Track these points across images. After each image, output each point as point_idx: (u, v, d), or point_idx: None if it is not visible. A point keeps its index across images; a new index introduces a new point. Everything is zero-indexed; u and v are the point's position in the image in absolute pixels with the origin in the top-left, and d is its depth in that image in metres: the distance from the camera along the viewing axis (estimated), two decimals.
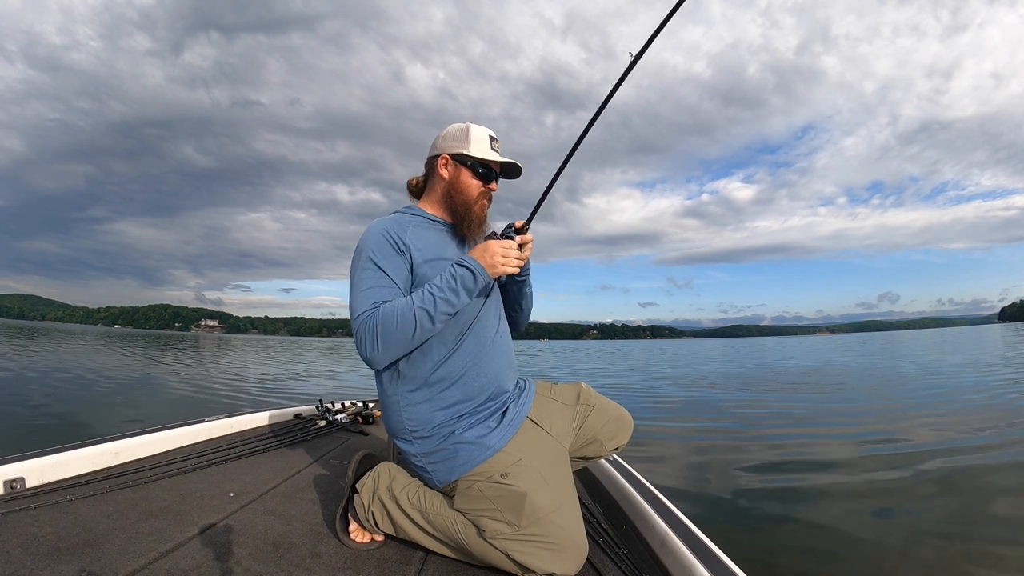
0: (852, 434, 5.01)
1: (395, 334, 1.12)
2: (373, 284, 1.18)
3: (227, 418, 2.28)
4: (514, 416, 1.25)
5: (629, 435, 1.45)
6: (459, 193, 1.31)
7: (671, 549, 1.14)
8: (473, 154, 1.30)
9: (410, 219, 1.30)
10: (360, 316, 1.15)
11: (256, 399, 8.06)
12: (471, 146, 1.31)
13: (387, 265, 1.19)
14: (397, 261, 1.21)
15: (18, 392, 7.33)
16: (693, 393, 9.13)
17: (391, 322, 1.12)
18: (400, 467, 1.28)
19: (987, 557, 2.28)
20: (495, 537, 1.04)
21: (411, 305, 1.12)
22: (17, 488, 1.38)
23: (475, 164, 1.31)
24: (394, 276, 1.19)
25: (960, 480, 3.32)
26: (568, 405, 1.39)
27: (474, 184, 1.32)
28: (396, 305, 1.13)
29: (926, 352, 20.50)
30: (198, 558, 1.07)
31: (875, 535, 2.57)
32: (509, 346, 1.38)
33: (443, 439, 1.18)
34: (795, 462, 3.94)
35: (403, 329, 1.12)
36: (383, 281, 1.18)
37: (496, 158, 1.33)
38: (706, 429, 5.75)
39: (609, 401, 1.46)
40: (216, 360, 18.16)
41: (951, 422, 5.32)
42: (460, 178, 1.32)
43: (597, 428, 1.39)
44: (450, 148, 1.31)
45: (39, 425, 5.18)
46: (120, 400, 7.40)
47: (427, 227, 1.31)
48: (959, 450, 4.01)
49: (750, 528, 2.74)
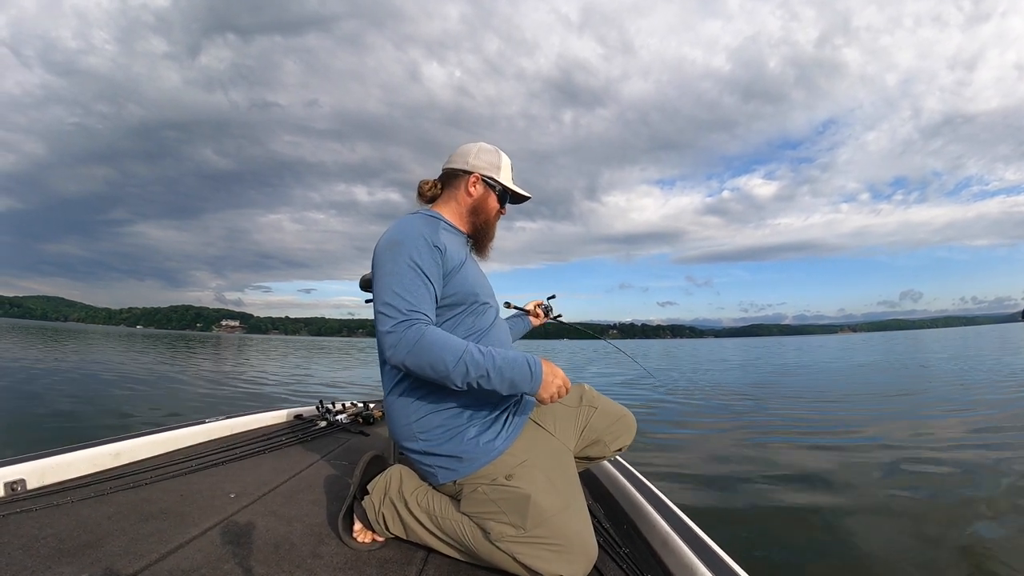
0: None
1: (428, 361, 1.09)
2: (412, 282, 1.16)
3: (228, 419, 2.28)
4: (518, 418, 1.25)
5: (632, 436, 1.45)
6: (483, 213, 1.39)
7: (672, 548, 1.14)
8: (502, 182, 1.39)
9: (436, 223, 1.30)
10: (403, 322, 1.11)
11: (283, 398, 8.14)
12: (501, 173, 1.39)
13: (426, 268, 1.18)
14: (433, 265, 1.20)
15: (41, 392, 7.36)
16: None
17: (431, 351, 1.09)
18: (410, 470, 1.28)
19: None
20: (501, 539, 1.04)
21: (464, 349, 1.10)
22: (18, 490, 1.38)
23: (503, 192, 1.40)
24: (432, 279, 1.19)
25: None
26: (571, 407, 1.39)
27: (496, 208, 1.42)
28: (447, 342, 1.10)
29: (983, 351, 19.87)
30: (199, 559, 1.07)
31: (879, 536, 2.57)
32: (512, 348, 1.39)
33: (447, 440, 1.17)
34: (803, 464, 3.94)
35: (437, 363, 1.09)
36: (421, 282, 1.17)
37: (519, 191, 1.44)
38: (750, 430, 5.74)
39: (612, 402, 1.46)
40: (241, 359, 18.50)
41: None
42: (488, 201, 1.39)
43: (601, 429, 1.39)
44: (483, 169, 1.37)
45: (67, 426, 5.20)
46: (151, 398, 7.48)
47: (451, 233, 1.33)
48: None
49: (750, 526, 2.74)
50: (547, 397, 1.15)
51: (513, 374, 1.11)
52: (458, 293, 1.25)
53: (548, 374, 1.15)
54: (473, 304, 1.28)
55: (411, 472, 1.27)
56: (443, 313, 1.25)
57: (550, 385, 1.14)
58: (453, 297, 1.25)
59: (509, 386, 1.11)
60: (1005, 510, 2.84)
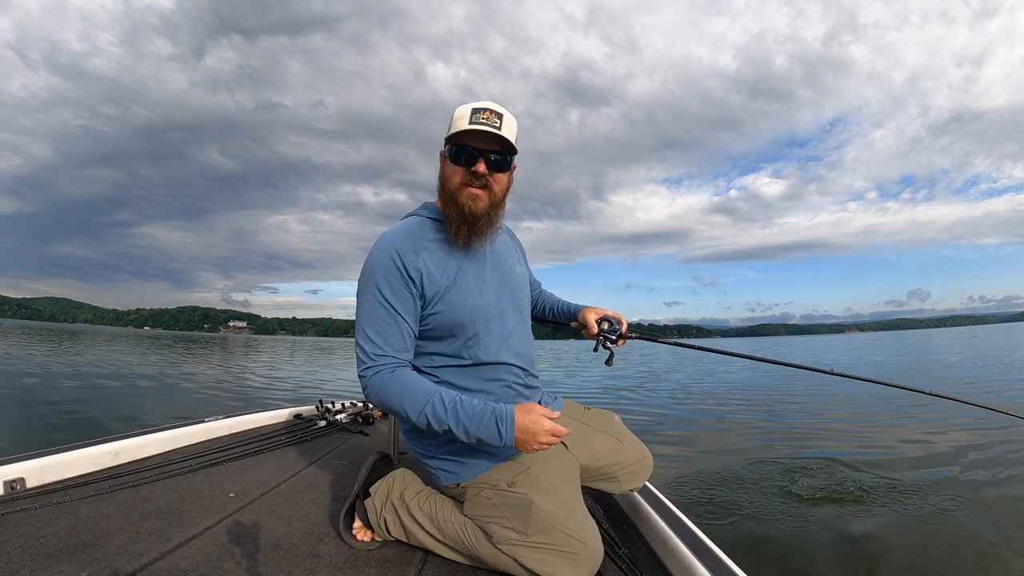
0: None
1: (393, 409, 1.08)
2: (381, 320, 1.10)
3: (227, 418, 2.28)
4: None
5: (647, 478, 1.38)
6: (445, 186, 1.15)
7: (672, 550, 1.14)
8: (451, 135, 1.10)
9: (430, 226, 1.19)
10: (369, 367, 1.09)
11: (283, 397, 8.15)
12: (451, 127, 1.11)
13: (395, 300, 1.10)
14: (405, 295, 1.11)
15: (45, 392, 7.38)
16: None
17: (393, 400, 1.07)
18: (414, 474, 1.27)
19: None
20: (503, 543, 1.03)
21: (426, 401, 1.04)
22: (17, 488, 1.38)
23: (450, 147, 1.12)
24: (403, 312, 1.11)
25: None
26: (595, 429, 1.33)
27: (453, 173, 1.12)
28: (410, 392, 1.06)
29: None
30: (198, 558, 1.07)
31: (883, 538, 2.57)
32: (532, 361, 1.30)
33: (450, 444, 1.15)
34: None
35: (400, 413, 1.08)
36: (390, 318, 1.10)
37: (466, 127, 1.07)
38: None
39: (636, 439, 1.38)
40: (248, 360, 18.66)
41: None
42: (444, 170, 1.15)
43: (619, 466, 1.31)
44: (447, 138, 1.14)
45: (69, 426, 5.23)
46: (158, 398, 7.51)
47: (437, 243, 1.17)
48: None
49: (750, 527, 2.74)
50: (532, 450, 1.04)
51: (480, 433, 1.02)
52: (440, 326, 1.14)
53: (526, 431, 1.01)
54: (462, 337, 1.15)
55: (413, 476, 1.26)
56: (427, 345, 1.17)
57: (531, 441, 1.01)
58: (434, 330, 1.15)
59: (478, 443, 1.04)
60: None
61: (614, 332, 1.39)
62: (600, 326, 1.40)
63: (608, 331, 1.39)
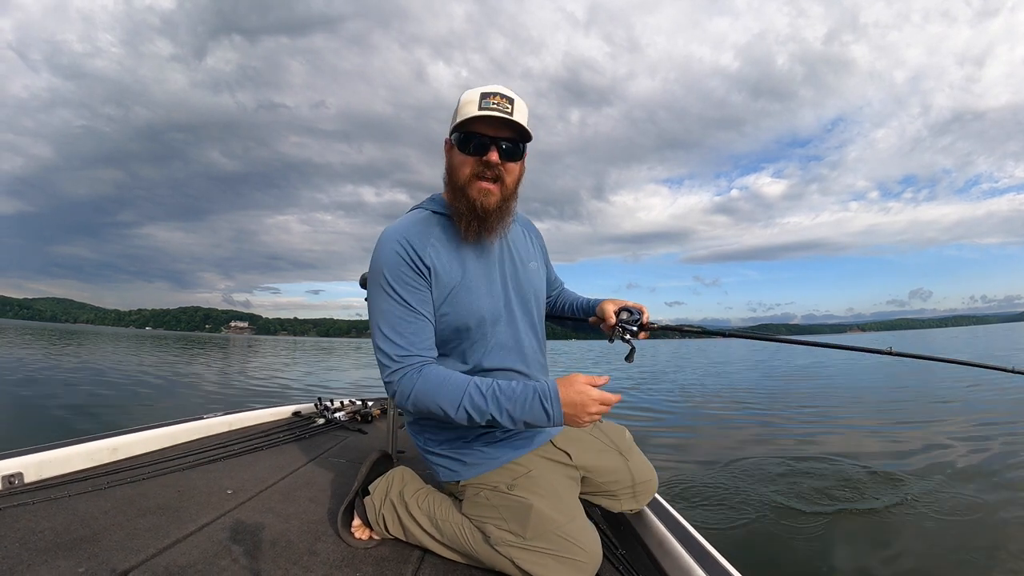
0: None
1: (428, 410, 1.01)
2: (399, 317, 1.03)
3: (225, 415, 2.28)
4: (534, 436, 1.18)
5: (647, 502, 1.32)
6: (453, 177, 1.09)
7: (668, 550, 1.14)
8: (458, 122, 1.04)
9: (436, 221, 1.13)
10: (396, 371, 1.02)
11: (283, 395, 8.18)
12: (458, 114, 1.04)
13: (410, 295, 1.04)
14: (420, 287, 1.05)
15: (46, 390, 7.40)
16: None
17: (427, 399, 1.00)
18: (413, 472, 1.27)
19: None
20: (500, 544, 1.02)
21: (463, 393, 0.97)
22: (15, 483, 1.38)
23: (458, 135, 1.05)
24: (420, 306, 1.05)
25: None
26: (603, 443, 1.29)
27: (462, 163, 1.06)
28: (444, 388, 0.99)
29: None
30: (196, 555, 1.07)
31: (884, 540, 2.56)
32: (541, 366, 1.27)
33: (453, 442, 1.15)
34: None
35: (436, 412, 1.01)
36: (409, 315, 1.04)
37: (476, 113, 1.00)
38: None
39: (644, 459, 1.33)
40: (248, 360, 18.70)
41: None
42: (452, 159, 1.09)
43: (623, 485, 1.26)
44: (452, 128, 1.07)
45: (70, 423, 5.24)
46: (158, 396, 7.52)
47: (444, 239, 1.12)
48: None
49: (749, 529, 2.74)
50: (585, 423, 0.97)
51: (526, 416, 0.96)
52: (445, 329, 1.10)
53: (573, 405, 0.95)
54: (467, 340, 1.12)
55: (413, 474, 1.26)
56: (437, 346, 1.11)
57: (581, 415, 0.95)
58: (438, 333, 1.10)
59: (526, 427, 0.99)
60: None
61: (634, 323, 1.22)
62: (619, 316, 1.26)
63: (627, 321, 1.23)
